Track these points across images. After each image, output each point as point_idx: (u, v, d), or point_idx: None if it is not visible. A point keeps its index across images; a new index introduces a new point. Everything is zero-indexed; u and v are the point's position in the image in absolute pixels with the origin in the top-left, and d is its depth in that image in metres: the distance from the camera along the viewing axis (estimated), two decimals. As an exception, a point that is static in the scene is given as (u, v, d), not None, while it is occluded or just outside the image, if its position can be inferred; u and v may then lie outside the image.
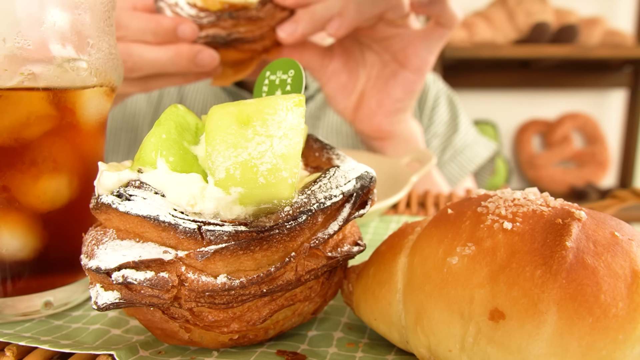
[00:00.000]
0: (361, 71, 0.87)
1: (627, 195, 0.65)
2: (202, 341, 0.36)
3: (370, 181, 0.37)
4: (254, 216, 0.32)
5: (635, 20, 2.56)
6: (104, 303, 0.33)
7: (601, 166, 2.78)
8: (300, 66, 0.41)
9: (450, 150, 1.19)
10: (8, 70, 0.39)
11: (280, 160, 0.32)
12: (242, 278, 0.32)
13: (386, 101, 0.87)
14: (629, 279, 0.28)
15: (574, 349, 0.27)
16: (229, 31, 0.70)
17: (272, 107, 0.33)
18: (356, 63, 0.87)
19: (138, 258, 0.32)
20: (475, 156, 1.19)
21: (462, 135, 1.21)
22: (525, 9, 2.49)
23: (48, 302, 0.44)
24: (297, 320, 0.39)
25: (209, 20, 0.69)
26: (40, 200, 0.42)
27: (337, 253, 0.36)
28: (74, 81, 0.42)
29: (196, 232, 0.31)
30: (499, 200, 0.34)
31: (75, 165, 0.44)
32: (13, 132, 0.40)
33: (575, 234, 0.30)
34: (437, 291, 0.32)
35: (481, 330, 0.29)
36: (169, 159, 0.34)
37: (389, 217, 0.70)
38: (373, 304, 0.37)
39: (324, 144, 0.41)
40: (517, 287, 0.29)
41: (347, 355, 0.37)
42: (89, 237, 0.36)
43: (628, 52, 2.38)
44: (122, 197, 0.33)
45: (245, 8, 0.70)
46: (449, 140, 1.21)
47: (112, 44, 0.46)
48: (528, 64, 2.70)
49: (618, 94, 2.80)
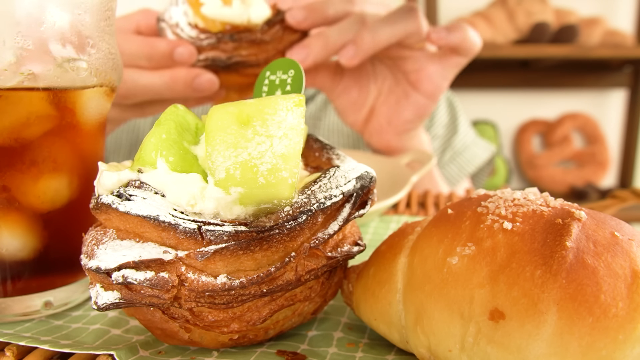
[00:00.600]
0: (372, 85, 0.85)
1: (627, 195, 0.65)
2: (202, 341, 0.36)
3: (370, 181, 0.37)
4: (254, 216, 0.32)
5: (635, 20, 2.56)
6: (104, 303, 0.33)
7: (601, 166, 2.78)
8: (300, 66, 0.41)
9: (449, 151, 1.19)
10: (8, 70, 0.39)
11: (280, 160, 0.32)
12: (242, 278, 0.32)
13: (396, 121, 0.85)
14: (629, 279, 0.28)
15: (574, 349, 0.27)
16: (229, 54, 0.67)
17: (272, 107, 0.33)
18: (367, 78, 0.84)
19: (138, 258, 0.32)
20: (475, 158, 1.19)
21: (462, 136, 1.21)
22: (525, 9, 2.49)
23: (48, 302, 0.44)
24: (297, 320, 0.39)
25: (209, 42, 0.66)
26: (40, 200, 0.42)
27: (337, 253, 0.36)
28: (74, 81, 0.42)
29: (196, 232, 0.31)
30: (499, 200, 0.34)
31: (75, 165, 0.44)
32: (13, 132, 0.40)
33: (575, 234, 0.30)
34: (437, 291, 0.32)
35: (481, 330, 0.29)
36: (169, 159, 0.34)
37: (389, 217, 0.70)
38: (373, 304, 0.37)
39: (324, 144, 0.41)
40: (517, 287, 0.29)
41: (347, 355, 0.37)
42: (89, 237, 0.36)
43: (628, 52, 2.38)
44: (122, 197, 0.33)
45: (249, 30, 0.66)
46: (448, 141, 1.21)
47: (112, 44, 0.46)
48: (528, 64, 2.70)
49: (618, 94, 2.80)
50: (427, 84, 0.80)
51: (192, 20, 0.67)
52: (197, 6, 0.65)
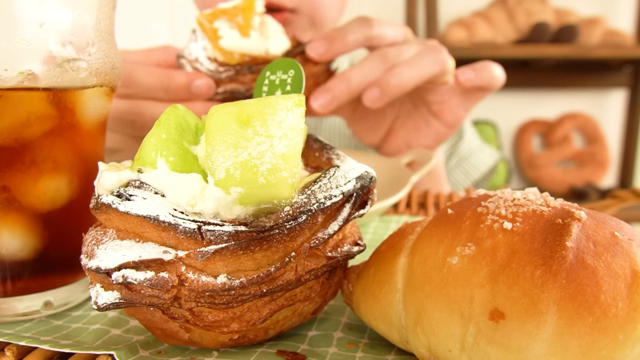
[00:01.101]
0: (389, 110, 0.84)
1: (627, 195, 0.65)
2: (202, 341, 0.36)
3: (370, 181, 0.37)
4: (254, 216, 0.32)
5: (635, 20, 2.56)
6: (104, 303, 0.33)
7: (601, 166, 2.78)
8: (300, 66, 0.41)
9: (455, 157, 1.20)
10: (8, 70, 0.39)
11: (280, 160, 0.32)
12: (242, 278, 0.32)
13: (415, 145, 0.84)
14: (629, 279, 0.28)
15: (574, 349, 0.27)
16: (248, 86, 0.66)
17: (272, 107, 0.33)
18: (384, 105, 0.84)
19: (138, 258, 0.32)
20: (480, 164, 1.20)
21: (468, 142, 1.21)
22: (525, 9, 2.49)
23: (48, 302, 0.44)
24: (297, 320, 0.39)
25: (228, 74, 0.65)
26: (40, 200, 0.42)
27: (337, 253, 0.36)
28: (74, 81, 0.42)
29: (196, 232, 0.31)
30: (499, 200, 0.34)
31: (75, 165, 0.44)
32: (13, 132, 0.40)
33: (575, 234, 0.30)
34: (437, 291, 0.32)
35: (481, 330, 0.29)
36: (169, 159, 0.34)
37: (389, 217, 0.70)
38: (373, 304, 0.37)
39: (324, 144, 0.41)
40: (517, 287, 0.29)
41: (347, 355, 0.37)
42: (89, 237, 0.36)
43: (628, 52, 2.38)
44: (122, 197, 0.33)
45: (267, 62, 0.65)
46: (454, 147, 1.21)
47: (112, 44, 0.46)
48: (528, 64, 2.70)
49: (618, 94, 2.80)
50: (449, 115, 0.80)
51: (211, 54, 0.67)
52: (216, 39, 0.65)
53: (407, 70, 0.69)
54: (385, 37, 0.72)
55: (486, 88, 0.77)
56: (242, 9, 0.65)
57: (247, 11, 0.65)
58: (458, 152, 1.20)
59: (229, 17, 0.65)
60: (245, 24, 0.65)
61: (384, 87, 0.68)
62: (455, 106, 0.80)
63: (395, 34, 0.73)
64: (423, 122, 0.83)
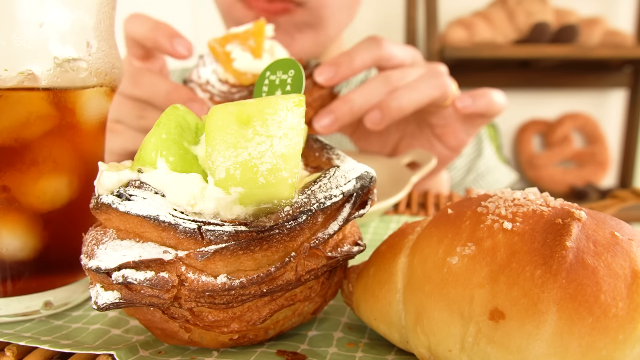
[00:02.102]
0: (393, 130, 0.84)
1: (627, 195, 0.65)
2: (202, 341, 0.36)
3: (370, 181, 0.37)
4: (254, 216, 0.32)
5: (635, 20, 2.56)
6: (104, 303, 0.33)
7: (601, 166, 2.78)
8: (300, 66, 0.41)
9: (473, 173, 1.20)
10: (8, 70, 0.39)
11: (280, 160, 0.32)
12: (242, 278, 0.32)
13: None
14: (629, 279, 0.28)
15: (574, 349, 0.27)
16: None
17: (272, 107, 0.33)
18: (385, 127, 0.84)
19: (138, 258, 0.32)
20: (496, 182, 1.21)
21: (486, 160, 1.22)
22: (525, 9, 2.49)
23: (48, 302, 0.44)
24: (297, 320, 0.39)
25: (241, 95, 0.67)
26: (40, 200, 0.42)
27: (337, 253, 0.36)
28: (74, 81, 0.42)
29: (196, 232, 0.31)
30: (499, 200, 0.34)
31: (75, 165, 0.44)
32: (13, 132, 0.40)
33: (575, 234, 0.30)
34: (437, 291, 0.32)
35: (481, 330, 0.29)
36: (169, 159, 0.34)
37: (389, 217, 0.70)
38: (373, 304, 0.37)
39: (324, 144, 0.41)
40: (517, 287, 0.29)
41: (347, 355, 0.37)
42: (89, 237, 0.36)
43: (628, 52, 2.38)
44: (122, 197, 0.33)
45: None
46: (473, 162, 1.21)
47: (112, 44, 0.46)
48: (528, 64, 2.70)
49: (618, 94, 2.80)
50: (452, 139, 0.81)
51: (222, 77, 0.69)
52: (229, 62, 0.67)
53: (407, 94, 0.70)
54: (394, 58, 0.72)
55: (486, 114, 0.77)
56: (253, 33, 0.67)
57: (258, 35, 0.67)
58: (476, 169, 1.21)
59: (241, 40, 0.67)
60: (257, 47, 0.67)
61: (385, 109, 0.69)
62: (457, 130, 0.80)
63: (404, 56, 0.74)
64: (427, 144, 0.84)
